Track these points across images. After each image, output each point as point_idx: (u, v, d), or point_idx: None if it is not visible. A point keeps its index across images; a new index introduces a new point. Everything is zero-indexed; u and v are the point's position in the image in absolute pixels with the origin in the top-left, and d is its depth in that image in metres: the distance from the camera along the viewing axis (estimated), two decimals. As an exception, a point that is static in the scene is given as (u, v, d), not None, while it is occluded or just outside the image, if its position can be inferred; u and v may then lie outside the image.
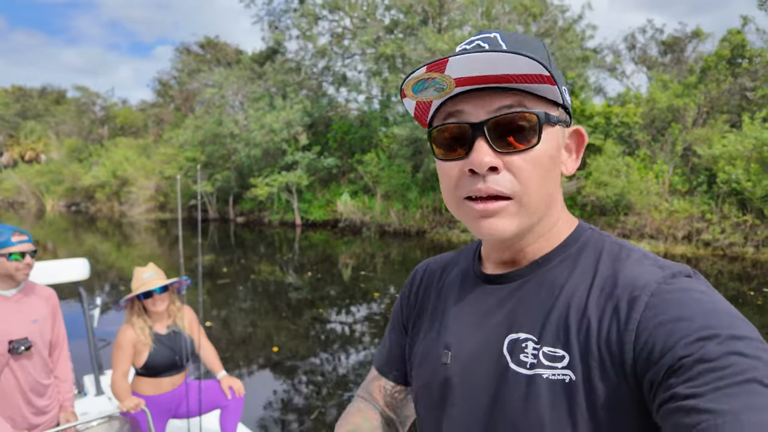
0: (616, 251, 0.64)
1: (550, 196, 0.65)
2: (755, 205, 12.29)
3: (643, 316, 0.54)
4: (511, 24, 16.02)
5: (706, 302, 0.53)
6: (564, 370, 0.58)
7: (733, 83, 14.78)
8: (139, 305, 2.71)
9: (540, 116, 0.62)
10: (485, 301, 0.71)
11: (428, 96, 0.64)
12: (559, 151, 0.66)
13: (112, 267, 12.27)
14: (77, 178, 31.66)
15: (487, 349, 0.66)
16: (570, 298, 0.62)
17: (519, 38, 0.66)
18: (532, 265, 0.68)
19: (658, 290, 0.56)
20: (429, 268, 0.87)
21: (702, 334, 0.49)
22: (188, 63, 30.63)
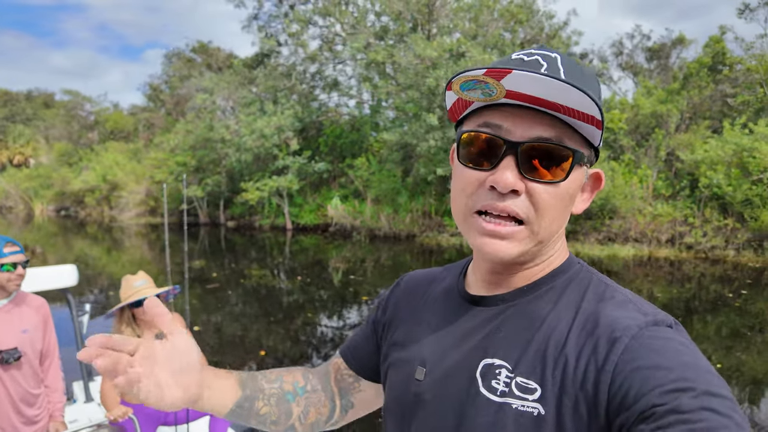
0: (601, 290, 0.64)
1: (559, 229, 0.66)
2: (735, 209, 12.60)
3: (621, 358, 0.54)
4: (498, 30, 16.29)
5: (685, 354, 0.53)
6: (534, 403, 0.58)
7: (714, 90, 15.13)
8: (129, 314, 2.69)
9: (575, 156, 0.62)
10: (465, 321, 0.70)
11: (473, 97, 0.63)
12: (579, 189, 0.66)
13: (102, 272, 12.27)
14: (66, 182, 31.45)
15: (461, 370, 0.66)
16: (551, 331, 0.62)
17: (577, 68, 0.64)
18: (517, 292, 0.68)
19: (639, 335, 0.56)
20: (414, 279, 0.87)
21: (678, 386, 0.49)
22: (179, 68, 30.62)
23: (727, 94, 14.99)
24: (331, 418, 0.89)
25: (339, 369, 0.91)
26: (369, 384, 0.89)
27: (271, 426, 0.81)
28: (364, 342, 0.89)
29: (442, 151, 15.48)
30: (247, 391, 0.78)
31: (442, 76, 14.09)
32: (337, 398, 0.89)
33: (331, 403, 0.88)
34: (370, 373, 0.88)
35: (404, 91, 16.03)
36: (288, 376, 0.87)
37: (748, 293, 9.19)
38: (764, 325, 7.25)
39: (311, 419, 0.86)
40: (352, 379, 0.89)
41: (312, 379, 0.89)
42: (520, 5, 17.23)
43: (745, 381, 5.16)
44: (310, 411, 0.86)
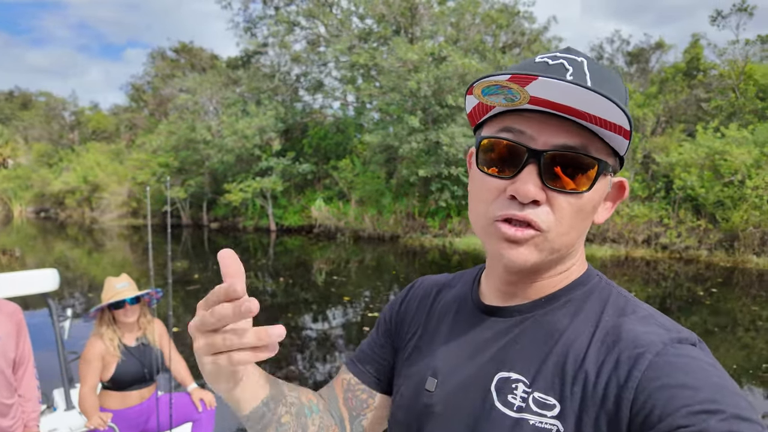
0: (621, 304, 0.62)
1: (578, 240, 0.64)
2: (708, 211, 12.97)
3: (644, 375, 0.52)
4: (479, 35, 16.51)
5: (713, 375, 0.51)
6: (553, 420, 0.56)
7: (689, 94, 15.55)
8: (109, 316, 2.66)
9: (601, 166, 0.59)
10: (480, 332, 0.68)
11: (494, 101, 0.60)
12: (602, 199, 0.63)
13: (83, 275, 12.15)
14: (46, 183, 30.94)
15: (475, 383, 0.64)
16: (569, 345, 0.60)
17: (604, 74, 0.61)
18: (534, 303, 0.65)
19: (664, 352, 0.53)
20: (426, 284, 0.85)
21: (706, 407, 0.47)
22: (162, 68, 30.36)
23: (702, 98, 15.42)
24: None
25: (349, 387, 0.83)
26: (384, 399, 0.83)
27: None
28: (377, 350, 0.83)
29: (424, 153, 15.64)
30: (273, 390, 0.70)
31: (424, 79, 14.25)
32: (347, 422, 0.81)
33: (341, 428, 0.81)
34: (385, 384, 0.83)
35: (386, 94, 16.16)
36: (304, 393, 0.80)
37: (719, 292, 9.47)
38: (735, 323, 7.47)
39: None
40: (365, 395, 0.82)
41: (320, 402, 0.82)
42: (500, 10, 17.50)
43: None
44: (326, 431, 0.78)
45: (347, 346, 6.48)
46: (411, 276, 11.07)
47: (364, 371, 0.83)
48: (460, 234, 15.96)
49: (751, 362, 5.72)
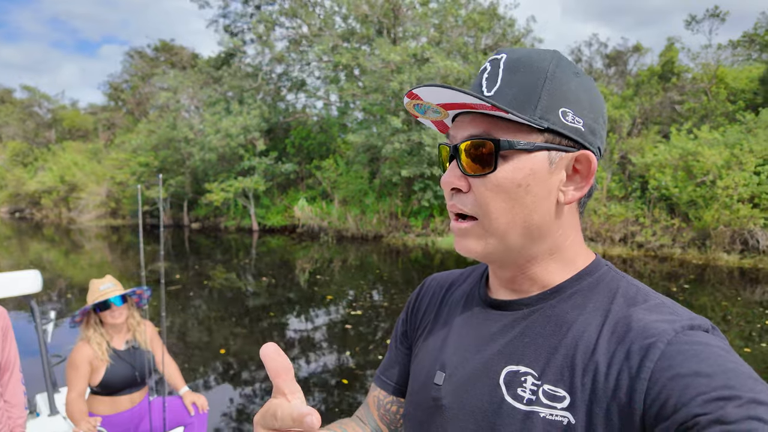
0: (632, 293, 0.61)
1: (526, 222, 0.62)
2: (681, 210, 13.34)
3: (657, 365, 0.51)
4: (461, 37, 16.69)
5: (727, 360, 0.50)
6: (563, 412, 0.56)
7: (664, 97, 15.96)
8: (96, 318, 2.58)
9: (498, 144, 0.60)
10: (487, 326, 0.68)
11: (433, 117, 0.67)
12: (543, 178, 0.62)
13: (61, 277, 11.94)
14: (21, 183, 30.23)
15: (483, 376, 0.64)
16: (578, 337, 0.59)
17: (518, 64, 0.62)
18: (541, 296, 0.65)
19: (676, 340, 0.53)
20: (435, 282, 0.85)
21: (722, 394, 0.47)
22: (141, 66, 29.91)
23: (676, 101, 15.84)
24: None
25: (379, 403, 0.85)
26: None
27: None
28: (398, 357, 0.84)
29: (407, 154, 15.75)
30: None
31: (406, 80, 14.34)
32: None
33: None
34: None
35: (369, 94, 16.23)
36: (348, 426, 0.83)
37: (692, 288, 9.77)
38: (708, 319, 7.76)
39: None
40: (395, 407, 0.83)
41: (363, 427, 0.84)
42: (482, 12, 17.71)
43: None
44: None
45: (331, 345, 6.52)
46: (394, 275, 11.16)
47: (388, 382, 0.84)
48: (442, 233, 16.12)
49: None
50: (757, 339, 6.49)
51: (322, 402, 4.64)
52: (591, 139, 0.63)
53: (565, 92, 0.61)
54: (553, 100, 0.61)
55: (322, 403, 4.60)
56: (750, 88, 15.82)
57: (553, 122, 0.60)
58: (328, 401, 4.65)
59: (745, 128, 13.63)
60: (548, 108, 0.60)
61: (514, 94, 0.61)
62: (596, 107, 0.64)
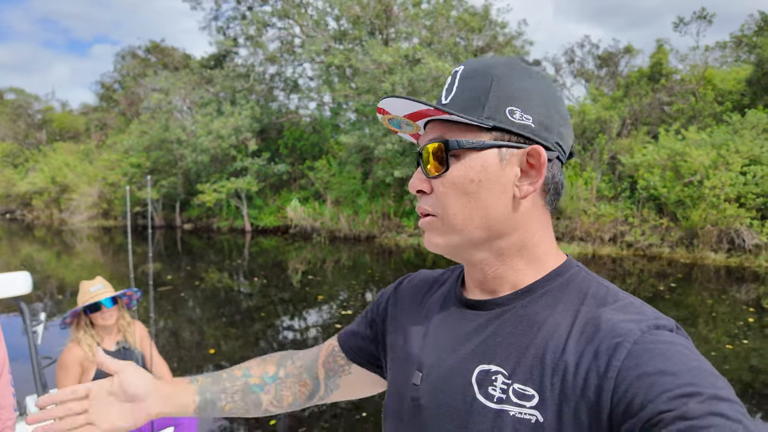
0: (602, 293, 0.63)
1: (483, 217, 0.65)
2: (670, 210, 13.50)
3: (624, 364, 0.53)
4: (452, 37, 16.79)
5: (691, 359, 0.52)
6: (532, 410, 0.57)
7: (653, 98, 16.14)
8: (86, 320, 2.59)
9: (447, 144, 0.64)
10: (462, 326, 0.69)
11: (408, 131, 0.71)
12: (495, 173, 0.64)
13: (53, 278, 11.90)
14: (12, 184, 29.99)
15: (457, 376, 0.66)
16: (548, 336, 0.60)
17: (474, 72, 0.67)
18: (513, 295, 0.67)
19: (642, 339, 0.54)
20: (417, 280, 0.87)
21: (685, 391, 0.48)
22: (133, 67, 29.78)
23: (664, 102, 16.03)
24: (312, 397, 0.91)
25: (332, 352, 0.92)
26: (359, 370, 0.89)
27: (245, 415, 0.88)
28: (361, 329, 0.90)
29: (399, 154, 15.82)
30: (206, 395, 0.84)
31: (398, 82, 14.42)
32: (321, 379, 0.91)
33: (314, 384, 0.91)
34: (361, 360, 0.89)
35: (362, 95, 16.28)
36: (257, 369, 0.91)
37: (680, 287, 9.91)
38: (695, 317, 7.77)
39: (288, 401, 0.90)
40: (343, 362, 0.90)
41: (290, 365, 0.92)
42: (474, 14, 17.81)
43: None
44: (284, 394, 0.90)
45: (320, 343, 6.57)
46: (386, 275, 11.22)
47: (347, 344, 0.90)
48: (434, 233, 16.17)
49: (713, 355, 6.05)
50: (741, 336, 6.61)
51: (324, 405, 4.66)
52: (544, 134, 0.65)
53: (514, 92, 0.64)
54: (501, 100, 0.64)
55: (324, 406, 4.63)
56: (737, 89, 16.04)
57: (500, 121, 0.63)
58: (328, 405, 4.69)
59: (731, 129, 13.83)
60: (495, 108, 0.63)
61: (465, 98, 0.65)
62: (550, 105, 0.65)
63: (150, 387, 0.81)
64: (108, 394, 0.79)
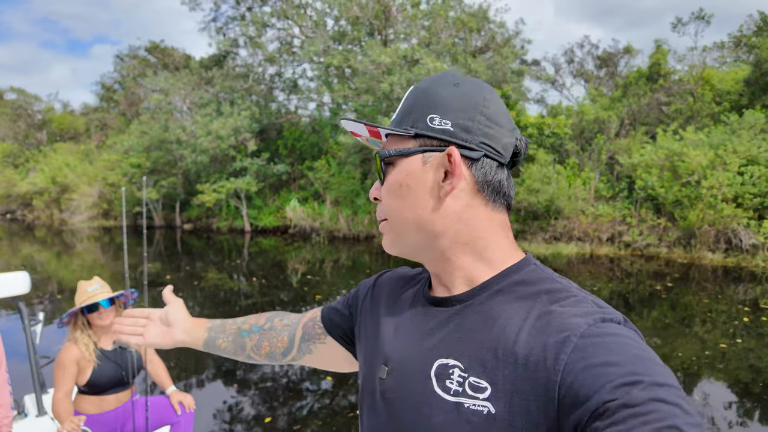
0: (555, 289, 0.65)
1: (415, 217, 0.70)
2: (667, 210, 13.53)
3: (570, 357, 0.55)
4: (451, 38, 16.82)
5: (633, 348, 0.54)
6: (484, 402, 0.59)
7: (651, 98, 16.18)
8: (83, 320, 2.61)
9: (380, 154, 0.71)
10: (427, 322, 0.72)
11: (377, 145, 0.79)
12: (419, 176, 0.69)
13: (52, 278, 11.95)
14: (12, 184, 30.09)
15: (418, 370, 0.68)
16: (502, 331, 0.62)
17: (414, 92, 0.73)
18: (471, 292, 0.69)
19: (588, 333, 0.56)
20: (395, 276, 0.90)
21: (627, 380, 0.50)
22: (133, 67, 29.84)
23: (663, 102, 16.07)
24: (286, 354, 1.00)
25: (313, 318, 0.99)
26: (334, 343, 0.94)
27: (232, 355, 1.04)
28: (340, 308, 0.95)
29: (398, 154, 15.81)
30: (211, 334, 1.06)
31: (396, 82, 14.46)
32: (297, 340, 0.98)
33: (290, 342, 0.99)
34: (335, 334, 0.94)
35: (361, 96, 16.33)
36: (252, 319, 1.05)
37: (677, 287, 9.93)
38: (692, 317, 7.81)
39: (264, 351, 1.01)
40: (320, 331, 0.96)
41: (277, 321, 1.03)
42: (472, 14, 17.85)
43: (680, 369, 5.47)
44: (263, 344, 1.01)
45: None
46: (384, 275, 11.24)
47: (326, 316, 0.97)
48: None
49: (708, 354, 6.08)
50: (736, 336, 6.65)
51: (316, 401, 4.71)
52: (464, 136, 0.68)
53: (435, 101, 0.69)
54: (423, 110, 0.69)
55: (315, 402, 4.67)
56: (735, 89, 16.07)
57: (421, 128, 0.68)
58: (320, 401, 4.73)
59: (729, 129, 13.86)
60: (418, 117, 0.69)
61: (400, 113, 0.72)
62: (473, 109, 0.68)
63: (180, 320, 1.06)
64: (159, 319, 1.07)
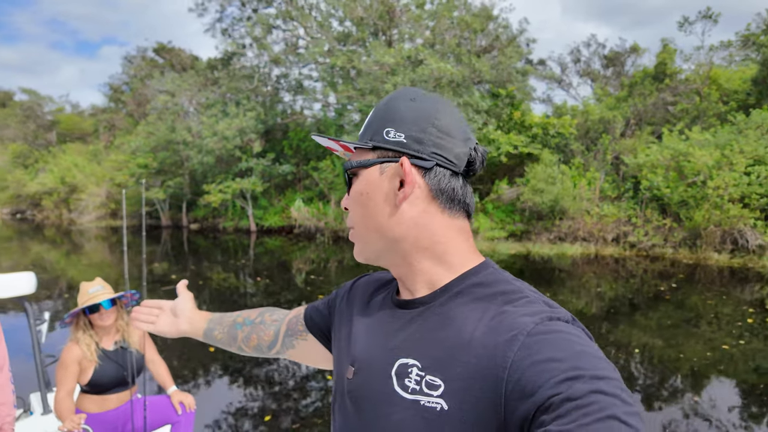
0: (509, 291, 0.68)
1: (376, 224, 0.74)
2: (673, 210, 13.46)
3: (517, 355, 0.57)
4: (455, 39, 16.81)
5: (576, 344, 0.57)
6: (438, 399, 0.62)
7: (657, 98, 16.08)
8: (85, 320, 2.64)
9: (344, 166, 0.76)
10: (392, 324, 0.75)
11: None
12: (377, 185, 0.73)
13: (61, 277, 12.09)
14: (22, 184, 30.44)
15: (380, 369, 0.71)
16: (459, 331, 0.65)
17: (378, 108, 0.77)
18: (432, 295, 0.72)
19: (535, 331, 0.59)
20: (371, 280, 0.93)
21: (569, 375, 0.53)
22: (141, 68, 30.09)
23: (668, 102, 15.96)
24: (271, 348, 1.05)
25: (297, 316, 1.03)
26: (315, 340, 0.98)
27: (225, 346, 1.11)
28: (321, 308, 0.99)
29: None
30: (210, 325, 1.13)
31: (400, 82, 14.47)
32: (281, 335, 1.03)
33: (275, 336, 1.04)
34: (315, 332, 0.98)
35: (365, 96, 16.36)
36: (246, 312, 1.12)
37: (681, 287, 9.88)
38: (697, 317, 7.77)
39: (253, 343, 1.07)
40: (302, 328, 1.00)
41: (268, 316, 1.09)
42: (476, 15, 17.83)
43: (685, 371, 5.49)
44: (252, 337, 1.07)
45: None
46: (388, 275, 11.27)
47: (308, 315, 1.00)
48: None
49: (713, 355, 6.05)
50: (740, 336, 6.61)
51: (319, 400, 4.74)
52: (417, 147, 0.71)
53: (392, 115, 0.73)
54: (380, 123, 0.73)
55: (319, 401, 4.71)
56: (743, 89, 15.93)
57: (377, 141, 0.73)
58: (322, 400, 4.76)
59: (736, 129, 13.75)
60: (376, 131, 0.73)
61: (364, 128, 0.77)
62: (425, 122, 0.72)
63: (186, 312, 1.15)
64: (170, 310, 1.16)
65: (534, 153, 15.63)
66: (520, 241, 15.08)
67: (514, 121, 16.80)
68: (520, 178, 15.85)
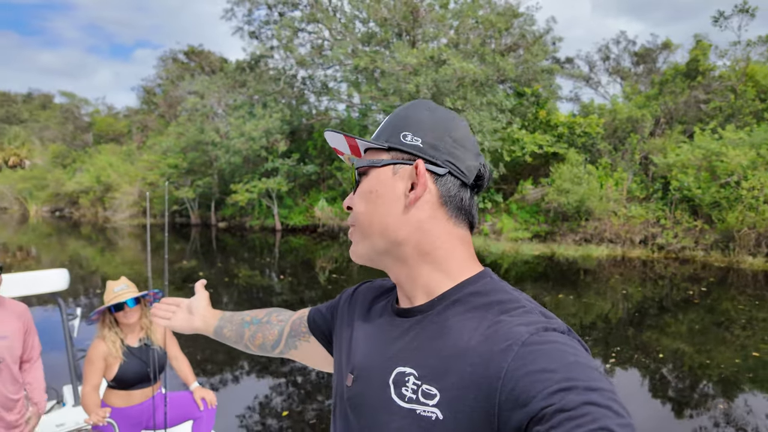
0: (506, 300, 0.67)
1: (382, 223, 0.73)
2: (704, 212, 13.04)
3: (510, 365, 0.57)
4: (478, 38, 16.68)
5: (569, 355, 0.56)
6: (433, 408, 0.62)
7: (689, 96, 15.59)
8: (111, 318, 2.72)
9: (356, 164, 0.77)
10: (390, 332, 0.75)
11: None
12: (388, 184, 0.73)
13: (95, 273, 12.57)
14: (61, 183, 31.68)
15: (378, 378, 0.71)
16: (455, 340, 0.65)
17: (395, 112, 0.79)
18: (430, 303, 0.72)
19: (529, 341, 0.59)
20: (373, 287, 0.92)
21: (562, 386, 0.53)
22: (172, 71, 30.93)
23: (701, 100, 15.46)
24: (275, 347, 1.07)
25: (301, 317, 1.04)
26: (317, 342, 0.99)
27: (233, 344, 1.14)
28: (324, 311, 1.00)
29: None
30: (221, 323, 1.17)
31: (422, 83, 14.47)
32: (285, 335, 1.05)
33: (279, 336, 1.06)
34: (317, 334, 0.99)
35: (388, 96, 16.40)
36: (254, 312, 1.14)
37: (713, 292, 9.59)
38: (730, 322, 7.57)
39: (258, 342, 1.10)
40: (305, 329, 1.01)
41: (274, 316, 1.11)
42: (501, 13, 17.64)
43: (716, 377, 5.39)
44: (257, 336, 1.09)
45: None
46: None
47: (311, 317, 1.01)
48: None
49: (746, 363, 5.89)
50: (771, 343, 6.40)
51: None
52: (432, 152, 0.73)
53: (410, 121, 0.75)
54: (398, 127, 0.75)
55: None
56: (781, 85, 15.29)
57: (394, 142, 0.74)
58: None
59: (773, 127, 13.24)
60: (393, 134, 0.75)
61: (380, 130, 0.79)
62: (442, 131, 0.74)
63: (200, 309, 1.20)
64: (186, 307, 1.22)
65: (560, 153, 15.39)
66: (545, 242, 14.88)
67: (539, 120, 16.57)
68: (545, 178, 15.63)
